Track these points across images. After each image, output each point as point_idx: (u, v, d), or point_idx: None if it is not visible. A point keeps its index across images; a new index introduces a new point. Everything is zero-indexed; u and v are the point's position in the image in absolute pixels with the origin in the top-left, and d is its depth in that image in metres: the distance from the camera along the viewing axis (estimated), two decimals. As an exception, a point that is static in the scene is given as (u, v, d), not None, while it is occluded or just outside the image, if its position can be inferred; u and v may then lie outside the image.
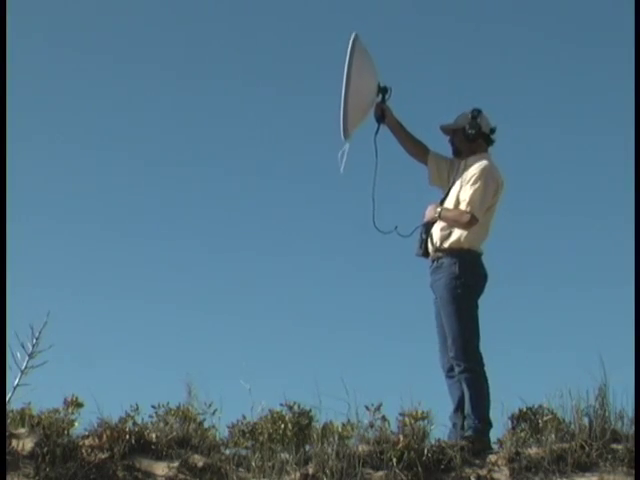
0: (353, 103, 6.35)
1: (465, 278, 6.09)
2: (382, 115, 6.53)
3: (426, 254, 6.29)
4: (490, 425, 5.94)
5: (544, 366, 9.59)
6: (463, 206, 6.16)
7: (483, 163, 6.27)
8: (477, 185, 6.17)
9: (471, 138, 6.37)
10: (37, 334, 5.97)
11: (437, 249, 6.22)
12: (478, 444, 5.76)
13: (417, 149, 6.57)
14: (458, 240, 6.17)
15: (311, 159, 15.41)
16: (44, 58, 15.95)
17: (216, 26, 15.99)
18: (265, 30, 15.98)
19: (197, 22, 16.19)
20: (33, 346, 5.97)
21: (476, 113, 6.39)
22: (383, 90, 6.51)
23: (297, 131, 15.51)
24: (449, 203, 6.27)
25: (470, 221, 6.12)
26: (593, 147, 15.30)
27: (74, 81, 15.91)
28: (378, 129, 6.55)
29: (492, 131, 6.42)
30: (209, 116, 15.77)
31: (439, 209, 6.25)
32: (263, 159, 15.70)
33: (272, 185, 15.42)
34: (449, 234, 6.20)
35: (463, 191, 6.21)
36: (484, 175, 6.19)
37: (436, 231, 6.26)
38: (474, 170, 6.23)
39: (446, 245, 6.19)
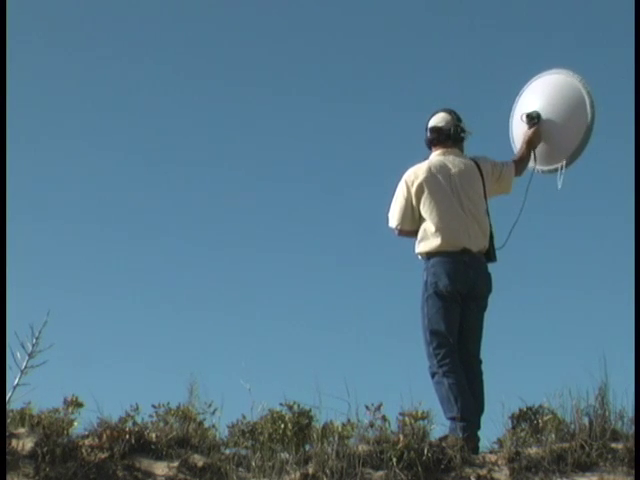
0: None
1: (430, 282, 6.12)
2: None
3: None
4: (464, 421, 5.84)
5: (544, 366, 9.61)
6: None
7: None
8: None
9: (431, 148, 6.47)
10: (37, 334, 5.96)
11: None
12: (450, 441, 5.71)
13: None
14: (417, 248, 6.27)
15: (314, 160, 15.42)
16: (44, 57, 15.97)
17: (215, 26, 16.01)
18: (263, 30, 16.00)
19: (196, 22, 16.21)
20: (33, 346, 5.96)
21: (426, 124, 6.50)
22: (528, 117, 6.69)
23: (297, 131, 15.52)
24: None
25: (396, 233, 6.34)
26: (595, 147, 15.27)
27: (74, 81, 15.92)
28: (534, 157, 6.72)
29: (431, 130, 6.42)
30: (209, 116, 15.79)
31: None
32: (264, 159, 15.71)
33: (274, 185, 15.44)
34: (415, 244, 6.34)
35: None
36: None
37: None
38: None
39: (417, 254, 6.31)
